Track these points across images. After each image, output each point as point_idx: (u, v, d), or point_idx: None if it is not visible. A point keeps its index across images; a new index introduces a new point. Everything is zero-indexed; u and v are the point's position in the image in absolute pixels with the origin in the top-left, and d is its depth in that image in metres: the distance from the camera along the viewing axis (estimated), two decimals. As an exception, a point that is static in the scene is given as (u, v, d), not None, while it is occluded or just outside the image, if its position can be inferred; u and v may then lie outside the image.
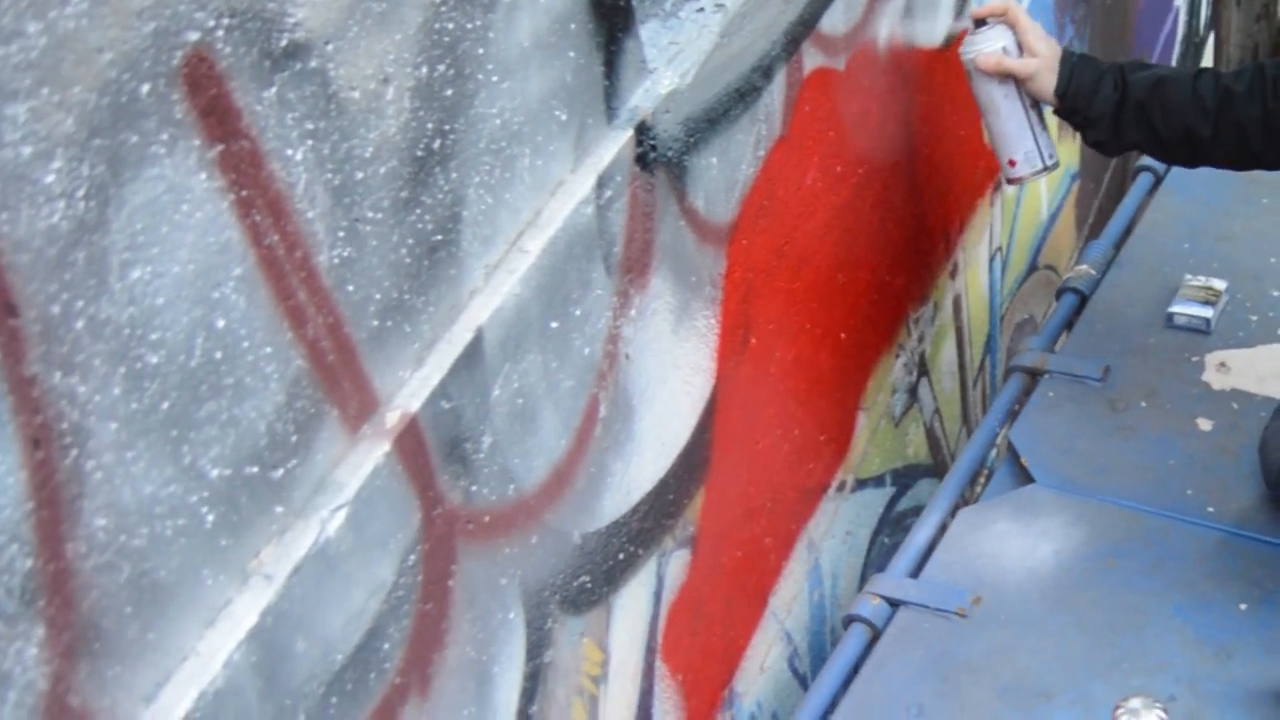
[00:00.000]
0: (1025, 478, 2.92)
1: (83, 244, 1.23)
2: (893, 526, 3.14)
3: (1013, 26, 2.72)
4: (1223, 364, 3.08)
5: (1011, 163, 2.82)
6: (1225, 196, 3.51)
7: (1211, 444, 2.91)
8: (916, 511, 3.07)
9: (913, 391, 3.16)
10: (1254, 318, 3.18)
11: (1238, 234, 3.40)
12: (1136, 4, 4.39)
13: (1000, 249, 3.59)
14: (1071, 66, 2.71)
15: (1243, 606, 2.59)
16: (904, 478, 3.17)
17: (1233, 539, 2.72)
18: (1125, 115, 2.69)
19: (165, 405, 1.33)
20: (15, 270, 1.17)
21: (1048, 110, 2.79)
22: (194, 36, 1.31)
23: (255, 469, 1.45)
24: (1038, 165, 2.81)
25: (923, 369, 3.20)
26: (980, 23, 2.75)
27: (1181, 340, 3.15)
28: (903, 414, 3.12)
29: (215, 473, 1.40)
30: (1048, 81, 2.70)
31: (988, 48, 2.72)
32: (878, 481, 3.05)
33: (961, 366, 3.45)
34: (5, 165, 1.15)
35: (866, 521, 3.02)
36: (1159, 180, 3.64)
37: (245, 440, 1.43)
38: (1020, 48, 2.72)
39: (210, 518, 1.40)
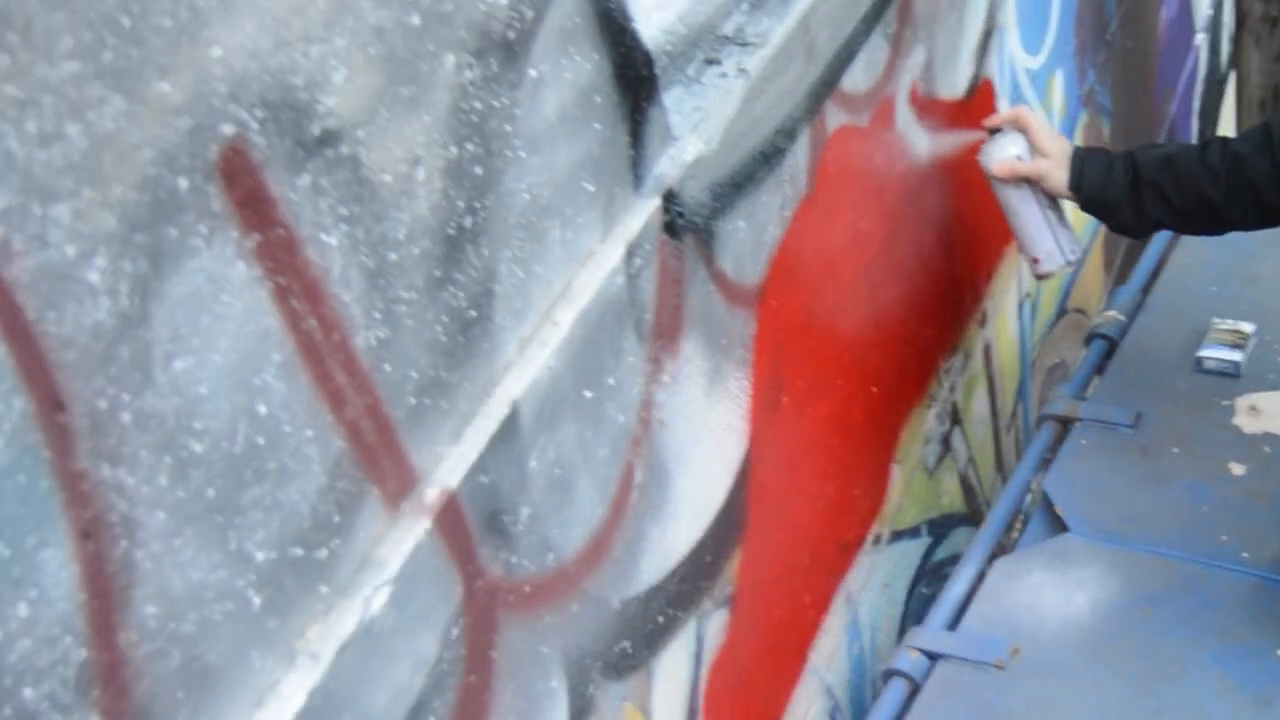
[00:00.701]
0: (1060, 526, 2.92)
1: (127, 338, 1.25)
2: (930, 576, 3.14)
3: (1024, 130, 2.81)
4: (1253, 407, 3.08)
5: (1035, 260, 2.93)
6: (1251, 239, 3.50)
7: (1244, 489, 2.91)
8: (953, 560, 3.08)
9: (946, 441, 3.17)
10: (1284, 360, 3.18)
11: (1264, 276, 3.41)
12: (1157, 45, 4.40)
13: (1029, 295, 3.60)
14: (1081, 160, 2.79)
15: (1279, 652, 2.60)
16: (940, 527, 3.18)
17: (1268, 584, 2.72)
18: (1142, 196, 2.74)
19: (211, 492, 1.35)
20: (63, 367, 1.19)
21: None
22: (229, 130, 1.33)
23: (300, 550, 1.47)
24: (1059, 261, 2.92)
25: (955, 418, 3.21)
26: (995, 131, 2.86)
27: (1212, 384, 3.15)
28: (937, 464, 3.13)
29: (261, 556, 1.42)
30: (1060, 178, 2.79)
31: (1000, 155, 2.83)
32: (914, 532, 3.05)
33: (994, 414, 3.46)
34: (51, 265, 1.17)
35: (904, 573, 3.03)
36: (1185, 223, 3.65)
37: (289, 523, 1.45)
38: (1033, 150, 2.81)
39: (257, 600, 1.42)
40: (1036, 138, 2.80)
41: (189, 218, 1.30)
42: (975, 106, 3.14)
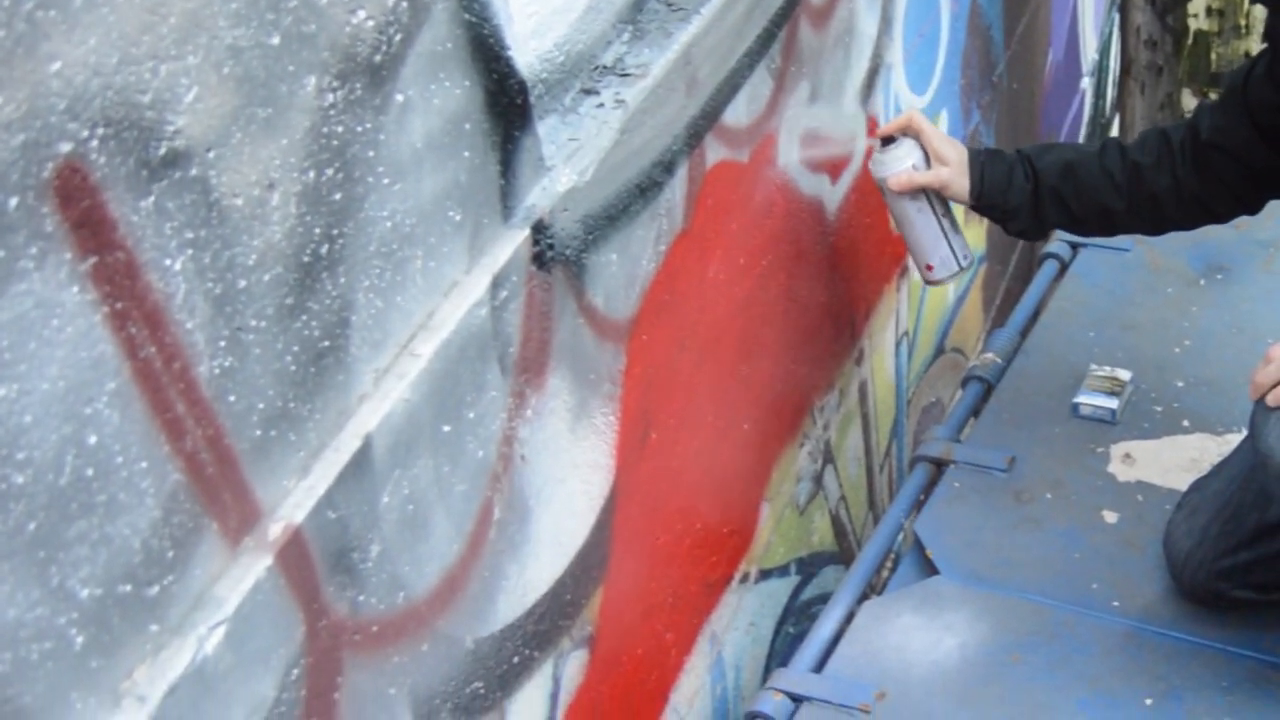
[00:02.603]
0: (930, 569, 2.91)
1: (-57, 364, 1.19)
2: (798, 615, 3.12)
3: (918, 137, 2.75)
4: (1128, 455, 3.09)
5: (929, 267, 2.87)
6: (1130, 285, 3.53)
7: (1117, 536, 2.91)
8: (822, 599, 3.05)
9: (818, 479, 3.15)
10: (1159, 409, 3.19)
11: (1142, 323, 3.42)
12: (1043, 88, 4.42)
13: (907, 333, 3.60)
14: (981, 167, 2.75)
15: (1148, 701, 2.59)
16: (809, 566, 3.15)
17: (1138, 633, 2.72)
18: (1041, 203, 2.75)
19: (32, 526, 1.29)
20: None
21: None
22: (66, 148, 1.27)
23: (129, 587, 1.41)
24: (953, 269, 2.87)
25: (828, 456, 3.18)
26: (888, 140, 2.77)
27: (1087, 431, 3.16)
28: (807, 502, 3.10)
29: (85, 593, 1.36)
30: (961, 185, 2.75)
31: (897, 167, 2.75)
32: (782, 571, 3.03)
33: (868, 452, 3.44)
34: None
35: (771, 612, 3.00)
36: (1064, 267, 3.66)
37: (118, 558, 1.39)
38: (929, 157, 2.75)
39: (80, 639, 1.36)
40: (932, 144, 2.74)
41: (18, 238, 1.24)
42: (858, 143, 3.12)
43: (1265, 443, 2.34)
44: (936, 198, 2.78)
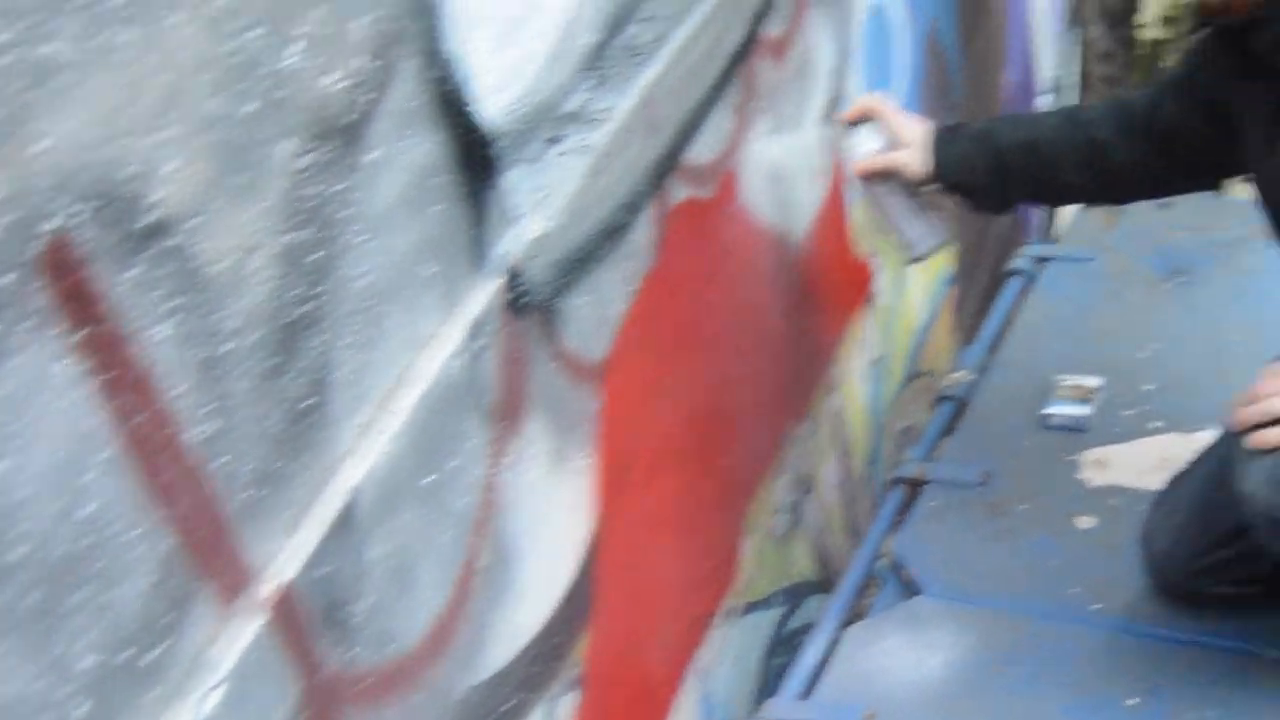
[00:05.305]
0: (913, 589, 2.93)
1: (-60, 445, 1.21)
2: (784, 646, 3.13)
3: (879, 119, 2.78)
4: (1099, 460, 3.12)
5: (903, 246, 2.88)
6: (1095, 294, 3.58)
7: (1093, 541, 2.95)
8: (807, 629, 3.08)
9: (796, 510, 3.17)
10: (1129, 412, 3.23)
11: (1109, 330, 3.47)
12: (999, 107, 4.46)
13: (878, 360, 3.62)
14: (939, 147, 2.75)
15: (1131, 702, 2.62)
16: (793, 596, 3.17)
17: (1120, 635, 2.75)
18: (1008, 181, 2.74)
19: (31, 600, 1.31)
20: None
21: None
22: (55, 224, 1.29)
23: (128, 653, 1.43)
24: (930, 244, 2.86)
25: (805, 486, 3.21)
26: (854, 124, 2.81)
27: (1059, 440, 3.20)
28: (788, 533, 3.12)
29: (86, 662, 1.37)
30: (918, 167, 2.75)
31: (857, 152, 2.79)
32: (766, 603, 3.04)
33: (845, 480, 3.46)
34: None
35: (757, 644, 3.02)
36: (1030, 281, 3.70)
37: (117, 626, 1.41)
38: (890, 139, 2.77)
39: (81, 710, 1.37)
40: (891, 125, 2.77)
41: (10, 315, 1.26)
42: (822, 169, 3.15)
43: (1242, 486, 2.34)
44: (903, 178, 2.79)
